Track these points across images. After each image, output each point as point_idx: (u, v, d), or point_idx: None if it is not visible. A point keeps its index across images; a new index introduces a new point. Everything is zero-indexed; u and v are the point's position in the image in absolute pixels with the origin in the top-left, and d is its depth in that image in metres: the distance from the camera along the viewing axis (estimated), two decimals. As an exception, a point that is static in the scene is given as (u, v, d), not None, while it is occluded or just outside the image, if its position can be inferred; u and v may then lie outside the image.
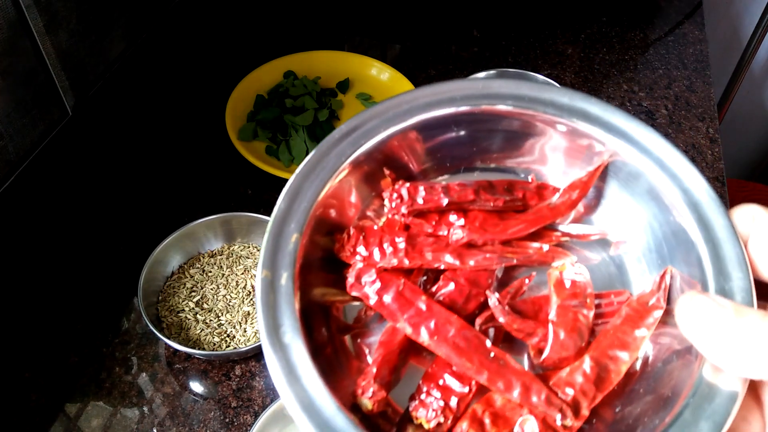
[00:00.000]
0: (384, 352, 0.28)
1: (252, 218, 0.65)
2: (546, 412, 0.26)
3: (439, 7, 1.02)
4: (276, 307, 0.25)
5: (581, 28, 1.00)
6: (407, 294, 0.28)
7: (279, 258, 0.26)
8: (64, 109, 0.71)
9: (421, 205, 0.30)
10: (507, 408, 0.27)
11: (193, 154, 0.78)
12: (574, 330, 0.27)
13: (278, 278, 0.26)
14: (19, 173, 0.66)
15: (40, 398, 0.57)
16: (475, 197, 0.30)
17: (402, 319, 0.27)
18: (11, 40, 0.60)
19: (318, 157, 0.28)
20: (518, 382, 0.26)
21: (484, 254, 0.29)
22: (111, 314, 0.63)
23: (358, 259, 0.29)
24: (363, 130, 0.29)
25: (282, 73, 0.86)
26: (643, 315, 0.27)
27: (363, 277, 0.28)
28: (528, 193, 0.31)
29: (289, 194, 0.28)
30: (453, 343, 0.26)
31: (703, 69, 0.94)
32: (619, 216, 0.31)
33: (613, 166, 0.30)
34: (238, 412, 0.57)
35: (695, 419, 0.23)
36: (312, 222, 0.27)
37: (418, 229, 0.30)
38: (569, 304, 0.28)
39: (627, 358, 0.27)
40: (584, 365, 0.27)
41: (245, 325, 0.60)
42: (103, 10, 0.73)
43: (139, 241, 0.68)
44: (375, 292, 0.28)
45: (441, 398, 0.27)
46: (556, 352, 0.27)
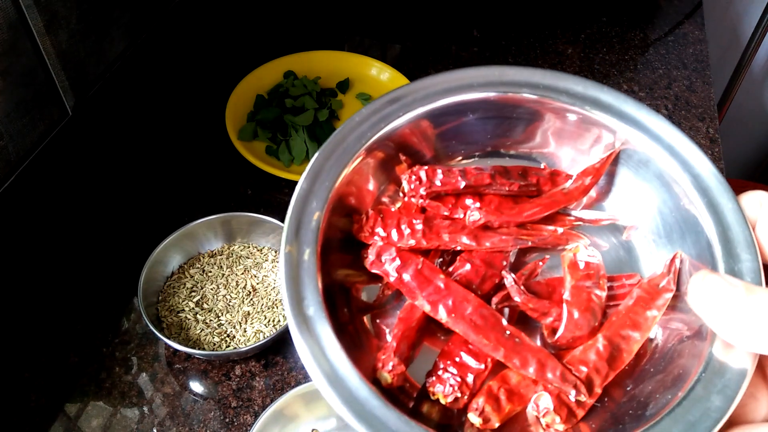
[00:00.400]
0: (403, 328, 0.28)
1: (252, 218, 0.65)
2: (561, 388, 0.26)
3: (439, 7, 1.02)
4: (300, 282, 0.26)
5: (581, 28, 1.00)
6: (426, 272, 0.28)
7: (302, 234, 0.27)
8: (64, 109, 0.71)
9: (439, 187, 0.31)
10: (522, 385, 0.27)
11: (193, 154, 0.78)
12: (588, 310, 0.28)
13: (301, 254, 0.27)
14: (19, 173, 0.66)
15: (40, 398, 0.57)
16: (491, 181, 0.31)
17: (421, 296, 0.28)
18: (11, 40, 0.60)
19: (339, 139, 0.29)
20: (534, 359, 0.27)
21: (500, 236, 0.30)
22: (111, 314, 0.63)
23: (377, 239, 0.30)
24: (382, 114, 0.30)
25: (282, 73, 0.86)
26: (654, 297, 0.28)
27: (383, 255, 0.29)
28: (542, 179, 0.32)
29: (311, 174, 0.29)
30: (470, 321, 0.27)
31: (703, 69, 0.94)
32: (630, 202, 0.31)
33: (625, 153, 0.31)
34: (238, 412, 0.57)
35: (707, 393, 0.24)
36: (332, 202, 0.28)
37: (434, 212, 0.31)
38: (583, 284, 0.29)
39: (638, 337, 0.28)
40: (597, 344, 0.27)
41: (245, 325, 0.60)
42: (103, 10, 0.73)
43: (139, 241, 0.68)
44: (395, 270, 0.28)
45: (458, 375, 0.27)
46: (570, 331, 0.28)
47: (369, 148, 0.30)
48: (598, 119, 0.30)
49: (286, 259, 0.26)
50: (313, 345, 0.25)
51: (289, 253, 0.26)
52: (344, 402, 0.24)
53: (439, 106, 0.31)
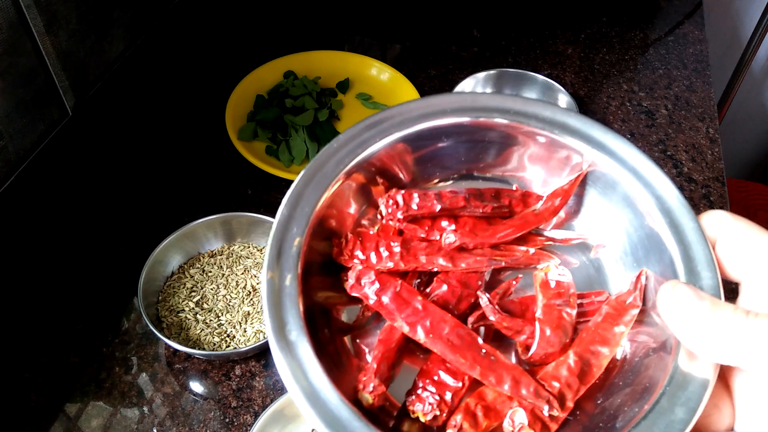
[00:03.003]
0: (383, 349, 0.29)
1: (252, 218, 0.65)
2: (534, 404, 0.28)
3: (439, 7, 1.02)
4: (282, 307, 0.27)
5: (581, 28, 1.00)
6: (404, 294, 0.29)
7: (283, 260, 0.28)
8: (64, 109, 0.71)
9: (416, 210, 0.32)
10: (498, 401, 0.28)
11: (193, 154, 0.78)
12: (559, 327, 0.29)
13: (283, 279, 0.27)
14: (19, 173, 0.66)
15: (40, 398, 0.57)
16: (466, 204, 0.32)
17: (399, 318, 0.29)
18: (11, 40, 0.60)
19: (318, 166, 0.30)
20: (508, 376, 0.28)
21: (474, 257, 0.31)
22: (111, 314, 0.63)
23: (356, 263, 0.30)
24: (360, 140, 0.31)
25: (282, 73, 0.86)
26: (621, 313, 0.29)
27: (363, 278, 0.30)
28: (514, 201, 0.33)
29: (291, 200, 0.30)
30: (447, 341, 0.28)
31: (703, 69, 0.94)
32: (598, 221, 0.33)
33: (592, 175, 0.32)
34: (238, 412, 0.57)
35: (671, 406, 0.25)
36: (312, 226, 0.29)
37: (411, 234, 0.32)
38: (554, 303, 0.30)
39: (607, 352, 0.29)
40: (569, 360, 0.29)
41: (245, 325, 0.60)
42: (103, 10, 0.73)
43: (139, 241, 0.68)
44: (374, 293, 0.29)
45: (436, 393, 0.28)
46: (542, 348, 0.29)
47: (348, 173, 0.30)
48: (566, 143, 0.32)
49: (268, 285, 0.27)
50: (296, 369, 0.25)
51: (270, 279, 0.27)
52: (327, 424, 0.24)
53: (415, 131, 0.32)
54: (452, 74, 0.90)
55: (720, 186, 0.78)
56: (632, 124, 0.85)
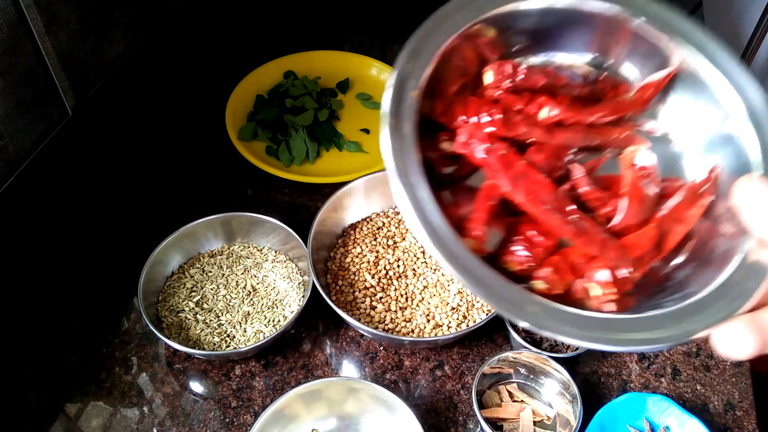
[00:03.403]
0: (485, 202, 0.32)
1: (252, 218, 0.65)
2: (617, 265, 0.31)
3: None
4: (402, 152, 0.29)
5: (581, 28, 1.00)
6: (509, 157, 0.32)
7: (402, 109, 0.30)
8: (64, 109, 0.71)
9: (521, 82, 0.34)
10: (580, 261, 0.32)
11: (193, 154, 0.78)
12: (642, 202, 0.33)
13: (402, 127, 0.29)
14: (19, 173, 0.66)
15: (40, 398, 0.57)
16: (566, 83, 0.34)
17: (503, 177, 0.31)
18: (11, 40, 0.60)
19: (434, 24, 0.33)
20: (597, 239, 0.31)
21: (570, 133, 0.34)
22: (111, 314, 0.63)
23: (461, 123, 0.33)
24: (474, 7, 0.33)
25: (282, 73, 0.86)
26: (695, 199, 0.33)
27: (473, 137, 0.32)
28: (607, 87, 0.36)
29: (409, 53, 0.31)
30: (544, 203, 0.31)
31: (703, 69, 0.94)
32: (683, 116, 0.35)
33: (683, 72, 0.34)
34: (238, 412, 0.57)
35: (743, 278, 0.29)
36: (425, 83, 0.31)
37: (511, 104, 0.34)
38: (639, 181, 0.33)
39: (681, 230, 0.32)
40: (648, 232, 0.32)
41: (245, 325, 0.60)
42: (103, 10, 0.73)
43: (139, 241, 0.68)
44: (482, 151, 0.32)
45: (529, 248, 0.32)
46: (626, 219, 0.32)
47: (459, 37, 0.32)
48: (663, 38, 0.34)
49: (391, 131, 0.29)
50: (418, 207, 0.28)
51: (392, 124, 0.29)
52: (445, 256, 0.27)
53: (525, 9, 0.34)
54: (452, 74, 0.90)
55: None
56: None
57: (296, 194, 0.74)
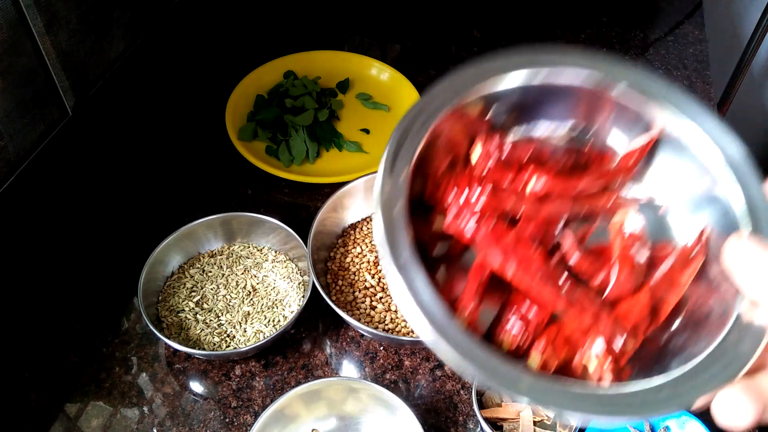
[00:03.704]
0: (477, 279, 0.32)
1: (252, 218, 0.65)
2: (611, 337, 0.31)
3: (439, 7, 1.02)
4: (394, 233, 0.29)
5: (581, 28, 1.00)
6: (497, 233, 0.32)
7: (393, 190, 0.30)
8: (64, 109, 0.71)
9: (506, 158, 0.34)
10: (575, 334, 0.31)
11: (193, 154, 0.78)
12: (634, 271, 0.33)
13: (393, 208, 0.30)
14: (19, 173, 0.66)
15: (40, 398, 0.57)
16: (550, 156, 0.35)
17: (492, 253, 0.32)
18: (11, 40, 0.60)
19: (421, 107, 0.33)
20: (589, 311, 0.31)
21: (557, 204, 0.34)
22: (111, 314, 0.63)
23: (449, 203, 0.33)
24: (457, 88, 0.34)
25: (282, 73, 0.86)
26: (687, 263, 0.33)
27: (460, 216, 0.32)
28: (591, 156, 0.36)
29: (398, 136, 0.32)
30: (535, 276, 0.31)
31: (703, 69, 0.94)
32: (667, 179, 0.36)
33: (664, 136, 0.35)
34: (238, 412, 0.57)
35: (738, 341, 0.28)
36: (414, 165, 0.31)
37: (498, 180, 0.34)
38: (629, 249, 0.33)
39: (674, 296, 0.32)
40: (641, 300, 0.32)
41: (245, 325, 0.60)
42: (103, 10, 0.73)
43: (139, 241, 0.68)
44: (470, 230, 0.32)
45: (521, 323, 0.32)
46: (617, 289, 0.32)
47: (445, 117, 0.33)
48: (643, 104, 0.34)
49: (384, 209, 0.29)
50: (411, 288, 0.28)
51: (385, 203, 0.30)
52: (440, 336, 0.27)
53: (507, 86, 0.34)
54: (452, 74, 0.90)
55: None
56: (632, 124, 0.85)
57: (296, 194, 0.74)
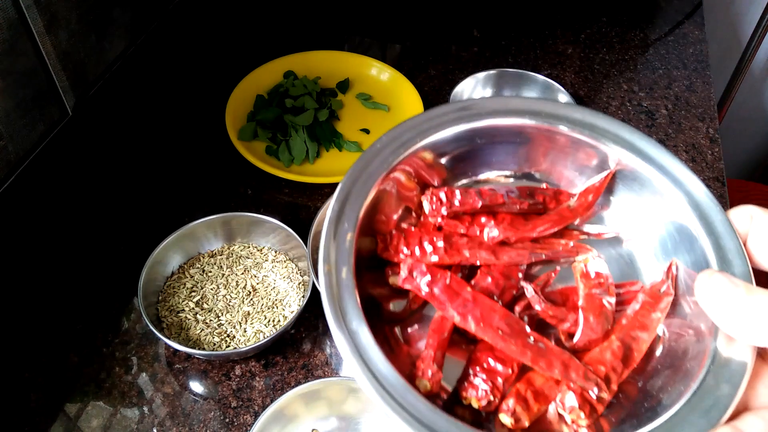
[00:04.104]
0: (437, 338, 0.30)
1: (252, 218, 0.65)
2: (583, 387, 0.29)
3: (439, 7, 1.02)
4: (341, 299, 0.28)
5: (581, 28, 1.00)
6: (454, 286, 0.30)
7: (338, 254, 0.29)
8: (64, 109, 0.71)
9: (458, 207, 0.33)
10: (546, 386, 0.30)
11: (193, 154, 0.78)
12: (601, 314, 0.31)
13: (339, 272, 0.29)
14: (19, 173, 0.66)
15: (40, 398, 0.57)
16: (504, 201, 0.34)
17: (451, 308, 0.30)
18: (11, 40, 0.60)
19: (363, 165, 0.32)
20: (558, 361, 0.29)
21: (517, 250, 0.33)
22: (111, 314, 0.63)
23: (405, 257, 0.32)
24: (400, 141, 0.33)
25: (282, 73, 0.86)
26: (656, 301, 0.31)
27: (414, 271, 0.31)
28: (547, 198, 0.35)
29: (341, 197, 0.31)
30: (497, 329, 0.30)
31: (703, 69, 0.94)
32: (629, 216, 0.34)
33: (621, 173, 0.34)
34: (238, 412, 0.57)
35: (717, 383, 0.27)
36: (360, 224, 0.30)
37: (452, 230, 0.33)
38: (594, 292, 0.32)
39: (647, 337, 0.31)
40: (612, 345, 0.30)
41: (245, 325, 0.60)
42: (103, 10, 0.73)
43: (139, 241, 0.68)
44: (426, 284, 0.31)
45: (488, 379, 0.30)
46: (586, 335, 0.31)
47: (390, 172, 0.32)
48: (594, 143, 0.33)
49: (327, 278, 0.28)
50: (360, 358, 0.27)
51: (328, 272, 0.28)
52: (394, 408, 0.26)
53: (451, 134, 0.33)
54: (452, 74, 0.90)
55: (720, 186, 0.78)
56: (632, 124, 0.85)
57: (296, 194, 0.74)
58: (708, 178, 0.79)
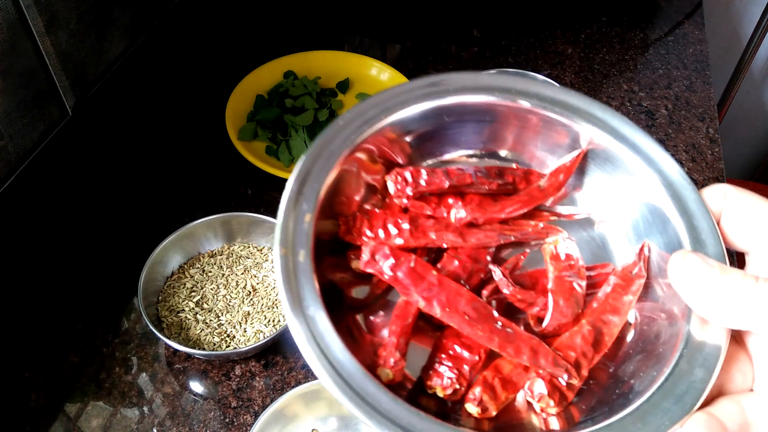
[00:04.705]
0: (400, 324, 0.29)
1: (252, 218, 0.65)
2: (553, 373, 0.28)
3: (439, 7, 1.02)
4: (297, 282, 0.26)
5: (581, 28, 1.00)
6: (419, 269, 0.29)
7: (296, 236, 0.28)
8: (64, 109, 0.71)
9: (424, 187, 0.31)
10: (514, 373, 0.29)
11: (193, 154, 0.78)
12: (571, 298, 0.30)
13: (296, 255, 0.27)
14: (19, 173, 0.66)
15: (40, 398, 0.57)
16: (473, 181, 0.32)
17: (415, 292, 0.28)
18: (11, 40, 0.60)
19: (324, 143, 0.30)
20: (526, 347, 0.28)
21: (485, 232, 0.31)
22: (111, 314, 0.63)
23: (368, 239, 0.30)
24: (364, 119, 0.31)
25: (282, 73, 0.86)
26: (628, 283, 0.30)
27: (377, 253, 0.29)
28: (517, 178, 0.34)
29: (300, 177, 0.29)
30: (464, 314, 0.28)
31: (703, 69, 0.94)
32: (600, 197, 0.33)
33: (593, 152, 0.33)
34: (238, 412, 0.57)
35: (691, 367, 0.26)
36: (320, 205, 0.29)
37: (418, 212, 0.32)
38: (564, 275, 0.30)
39: (618, 321, 0.30)
40: (582, 329, 0.29)
41: (245, 325, 0.60)
42: (103, 10, 0.73)
43: (139, 241, 0.68)
44: (389, 268, 0.29)
45: (454, 367, 0.28)
46: (556, 319, 0.29)
47: (353, 151, 0.30)
48: (567, 121, 0.32)
49: (282, 261, 0.27)
50: (317, 346, 0.25)
51: (284, 255, 0.27)
52: (352, 400, 0.24)
53: (417, 111, 0.32)
54: (452, 74, 0.90)
55: (720, 186, 0.78)
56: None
57: (296, 194, 0.74)
58: (708, 178, 0.79)
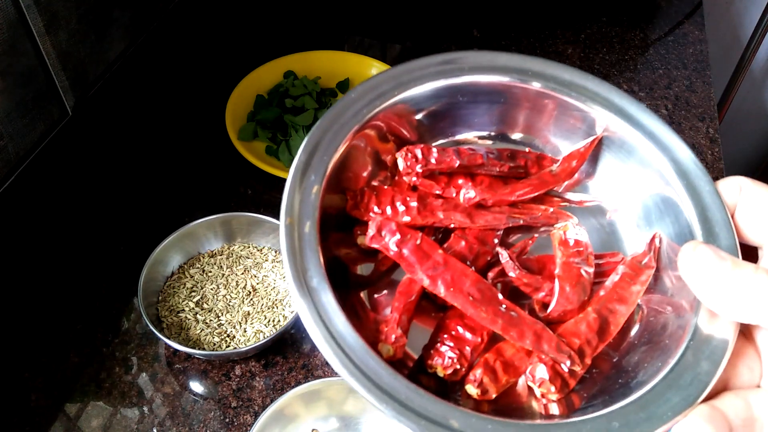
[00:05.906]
0: (404, 301, 0.29)
1: (252, 218, 0.65)
2: (556, 359, 0.27)
3: (439, 7, 1.02)
4: (302, 253, 0.26)
5: (581, 28, 1.00)
6: (425, 247, 0.28)
7: (302, 207, 0.27)
8: (64, 109, 0.71)
9: (434, 165, 0.31)
10: (516, 357, 0.28)
11: (193, 154, 0.78)
12: (578, 284, 0.29)
13: (302, 226, 0.27)
14: (19, 173, 0.66)
15: (40, 398, 0.57)
16: (484, 162, 0.32)
17: (420, 270, 0.28)
18: (11, 40, 0.60)
19: (335, 116, 0.30)
20: (530, 331, 0.28)
21: (493, 214, 0.31)
22: (111, 314, 0.63)
23: (374, 216, 0.30)
24: (377, 92, 0.30)
25: (282, 73, 0.86)
26: (637, 273, 0.30)
27: (384, 229, 0.29)
28: (529, 162, 0.33)
29: (309, 147, 0.29)
30: (468, 295, 0.28)
31: (703, 69, 0.94)
32: (613, 184, 0.33)
33: (607, 139, 0.32)
34: (238, 412, 0.57)
35: (696, 360, 0.26)
36: (328, 177, 0.28)
37: (427, 190, 0.31)
38: (573, 261, 0.30)
39: (624, 311, 0.29)
40: (588, 317, 0.29)
41: (245, 325, 0.60)
42: (103, 10, 0.73)
43: (139, 241, 0.68)
44: (395, 244, 0.28)
45: (455, 348, 0.28)
46: (561, 305, 0.29)
47: (364, 125, 0.30)
48: (582, 106, 0.32)
49: (287, 231, 0.26)
50: (318, 316, 0.25)
51: (289, 224, 0.26)
52: (352, 373, 0.24)
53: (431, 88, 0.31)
54: (452, 74, 0.90)
55: (720, 186, 0.78)
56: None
57: (296, 194, 0.74)
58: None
